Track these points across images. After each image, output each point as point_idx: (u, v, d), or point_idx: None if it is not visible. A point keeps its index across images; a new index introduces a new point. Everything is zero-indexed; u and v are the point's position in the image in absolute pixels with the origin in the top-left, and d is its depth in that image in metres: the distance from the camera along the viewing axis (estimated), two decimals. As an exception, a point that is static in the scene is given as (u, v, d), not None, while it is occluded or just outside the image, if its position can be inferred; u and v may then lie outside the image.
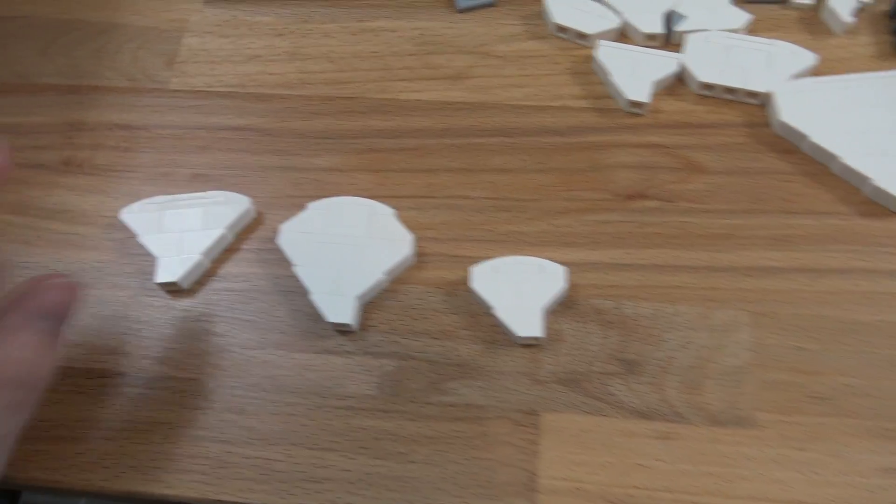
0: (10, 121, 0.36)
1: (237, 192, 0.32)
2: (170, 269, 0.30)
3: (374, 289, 0.30)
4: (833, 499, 0.26)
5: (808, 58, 0.33)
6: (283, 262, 0.31)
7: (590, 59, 0.35)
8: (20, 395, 0.23)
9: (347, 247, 0.30)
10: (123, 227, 0.32)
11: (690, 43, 0.33)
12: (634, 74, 0.33)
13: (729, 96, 0.33)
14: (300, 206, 0.32)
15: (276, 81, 0.36)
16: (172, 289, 0.31)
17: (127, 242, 0.32)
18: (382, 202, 0.31)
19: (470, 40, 0.36)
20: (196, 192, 0.33)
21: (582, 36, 0.35)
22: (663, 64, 0.33)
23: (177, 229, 0.31)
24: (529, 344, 0.29)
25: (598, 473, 0.27)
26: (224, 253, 0.32)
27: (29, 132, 0.35)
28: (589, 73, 0.34)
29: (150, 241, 0.31)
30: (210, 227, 0.31)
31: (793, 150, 0.32)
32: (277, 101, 0.35)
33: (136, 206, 0.32)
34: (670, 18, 0.34)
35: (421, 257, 0.31)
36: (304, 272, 0.30)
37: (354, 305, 0.29)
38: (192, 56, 0.37)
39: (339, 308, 0.29)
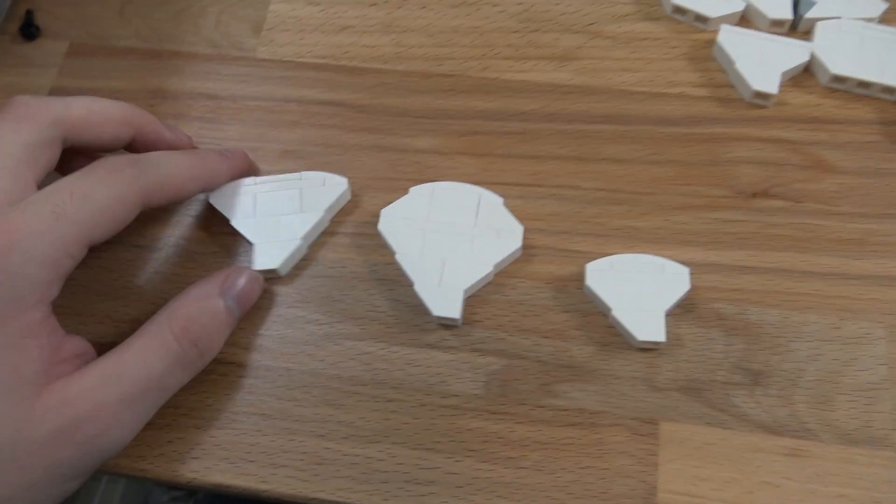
0: (88, 84, 0.34)
1: (330, 171, 0.31)
2: (269, 256, 0.28)
3: (481, 282, 0.28)
4: (975, 529, 0.24)
5: (951, 52, 0.30)
6: (381, 248, 0.29)
7: (708, 44, 0.33)
8: (192, 356, 0.25)
9: (453, 236, 0.29)
10: (208, 203, 0.31)
11: (821, 31, 0.31)
12: (761, 63, 0.31)
13: (862, 91, 0.31)
14: (398, 190, 0.30)
15: (369, 54, 0.34)
16: (269, 276, 0.29)
17: (211, 219, 0.30)
18: (487, 189, 0.30)
19: (578, 19, 0.34)
20: (286, 170, 0.31)
21: (701, 19, 0.32)
22: (793, 53, 0.31)
23: (272, 213, 0.29)
24: (648, 348, 0.27)
25: (721, 489, 0.25)
26: (320, 237, 0.30)
27: (109, 98, 0.33)
28: (707, 60, 0.32)
29: (243, 225, 0.29)
30: (308, 211, 0.29)
31: (930, 151, 0.30)
32: (372, 75, 0.33)
33: (226, 188, 0.30)
34: (798, 3, 0.32)
35: (527, 250, 0.29)
36: (407, 261, 0.28)
37: (461, 299, 0.28)
38: (279, 23, 0.35)
39: (446, 301, 0.28)
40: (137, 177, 0.25)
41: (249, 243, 0.29)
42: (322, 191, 0.30)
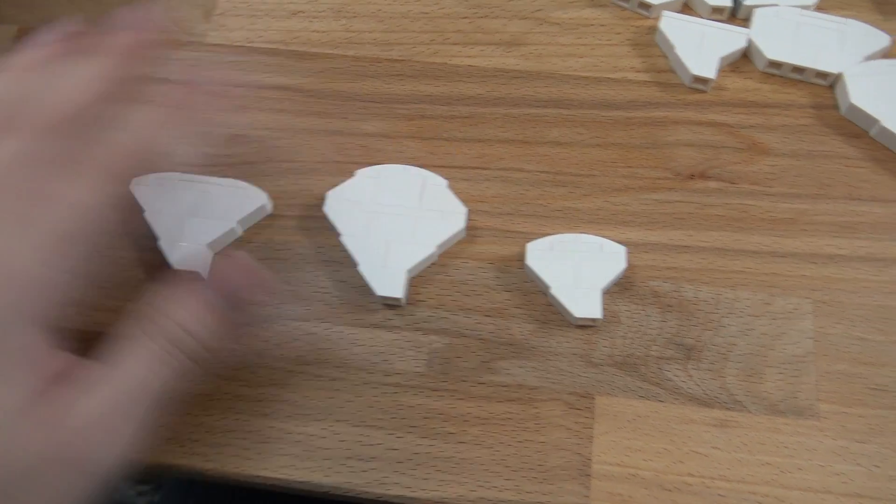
0: (37, 69, 0.34)
1: (280, 154, 0.31)
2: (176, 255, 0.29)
3: (425, 262, 0.29)
4: (894, 493, 0.25)
5: (881, 39, 0.31)
6: (326, 230, 0.30)
7: (651, 30, 0.33)
8: (188, 365, 0.23)
9: (397, 217, 0.29)
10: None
11: (759, 18, 0.32)
12: (700, 49, 0.31)
13: (796, 76, 0.32)
14: (345, 173, 0.30)
15: (320, 40, 0.34)
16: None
17: (164, 203, 0.31)
18: (433, 172, 0.30)
19: (526, 5, 0.34)
20: (234, 154, 0.31)
21: (644, 6, 0.33)
22: (731, 39, 0.32)
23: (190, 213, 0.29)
24: (585, 325, 0.28)
25: (653, 460, 0.26)
26: (265, 219, 0.30)
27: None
28: (650, 46, 0.33)
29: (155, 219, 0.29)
30: (221, 218, 0.29)
31: (861, 134, 0.31)
32: (322, 60, 0.33)
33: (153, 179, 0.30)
34: (737, -9, 0.33)
35: (472, 231, 0.30)
36: (352, 242, 0.29)
37: (404, 279, 0.28)
38: (230, 8, 0.35)
39: (389, 281, 0.28)
40: (111, 181, 0.23)
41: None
42: (239, 202, 0.30)
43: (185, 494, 0.46)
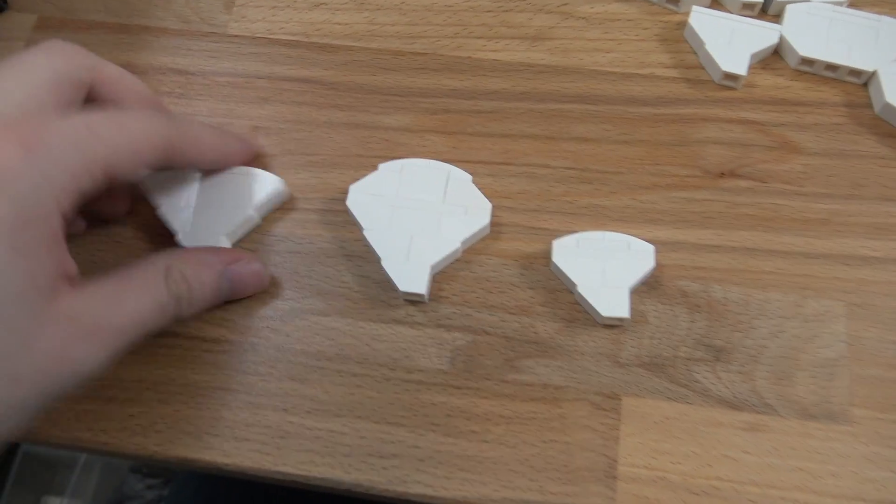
0: (57, 58, 0.33)
1: (300, 147, 0.31)
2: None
3: (448, 258, 0.28)
4: (929, 503, 0.24)
5: (917, 36, 0.31)
6: (349, 224, 0.29)
7: (680, 25, 0.33)
8: (172, 311, 0.25)
9: (421, 212, 0.29)
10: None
11: (790, 14, 0.31)
12: (731, 45, 0.31)
13: (829, 73, 0.31)
14: (367, 167, 0.30)
15: (342, 32, 0.33)
16: None
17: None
18: (458, 166, 0.30)
19: (551, -1, 0.34)
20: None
21: (673, 1, 0.33)
22: (762, 35, 0.31)
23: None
24: (612, 325, 0.27)
25: (681, 463, 0.25)
26: (286, 212, 0.30)
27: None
28: (679, 41, 0.32)
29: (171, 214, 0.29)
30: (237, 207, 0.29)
31: (895, 134, 0.30)
32: (344, 52, 0.33)
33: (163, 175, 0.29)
34: (769, -14, 0.32)
35: (496, 227, 0.29)
36: (375, 237, 0.28)
37: (428, 275, 0.28)
38: (251, 0, 0.34)
39: (412, 277, 0.28)
40: (169, 125, 0.25)
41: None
42: (254, 189, 0.29)
43: (194, 489, 0.45)
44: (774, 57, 0.32)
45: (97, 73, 0.26)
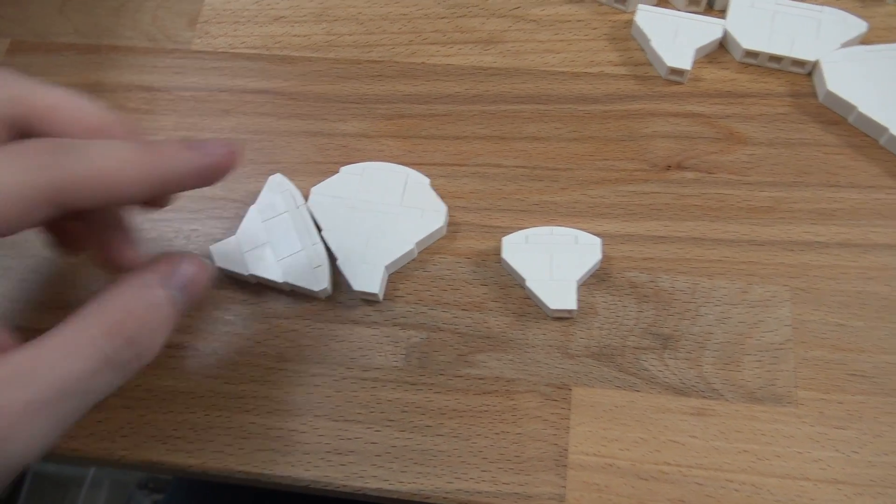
0: (28, 80, 0.35)
1: (262, 156, 0.32)
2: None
3: (404, 259, 0.29)
4: (873, 479, 0.25)
5: (858, 25, 0.31)
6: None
7: (628, 24, 0.33)
8: (127, 356, 0.21)
9: (378, 214, 0.30)
10: (145, 191, 0.32)
11: (734, 8, 0.32)
12: (675, 41, 0.31)
13: (773, 65, 0.32)
14: (326, 173, 0.31)
15: (301, 43, 0.35)
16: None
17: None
18: (413, 169, 0.31)
19: (503, 3, 0.35)
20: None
21: (621, 0, 0.33)
22: (706, 30, 0.32)
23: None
24: (562, 317, 0.28)
25: (630, 449, 0.26)
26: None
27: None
28: (627, 39, 0.33)
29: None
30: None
31: (839, 121, 0.31)
32: (303, 63, 0.34)
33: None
34: (713, -18, 0.33)
35: (450, 226, 0.30)
36: (332, 237, 0.29)
37: (382, 275, 0.29)
38: (214, 16, 0.36)
39: (366, 277, 0.28)
40: (52, 166, 0.20)
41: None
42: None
43: (188, 495, 0.46)
44: (720, 51, 0.33)
45: (26, 105, 0.22)
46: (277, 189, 0.30)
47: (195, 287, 0.23)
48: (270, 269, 0.29)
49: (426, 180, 0.30)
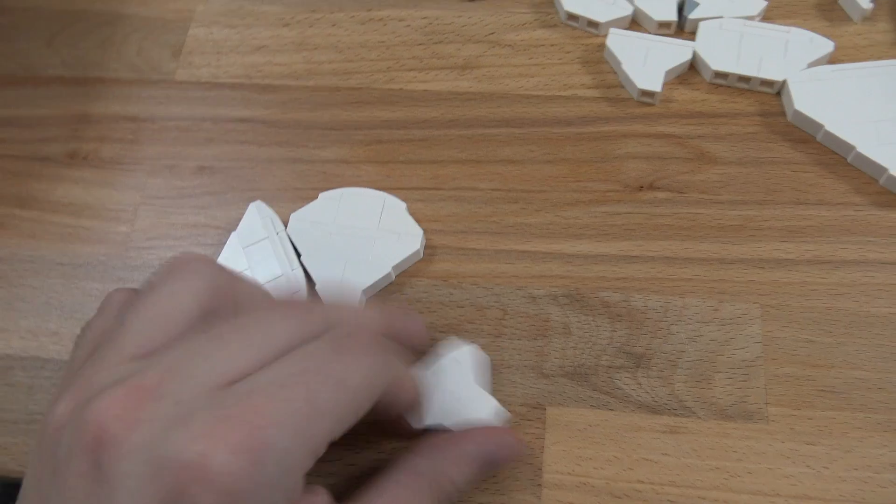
0: (15, 113, 0.36)
1: (243, 184, 0.32)
2: None
3: (381, 283, 0.30)
4: (844, 495, 0.25)
5: (825, 45, 0.32)
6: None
7: (600, 47, 0.34)
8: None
9: (356, 239, 0.30)
10: (129, 221, 0.32)
11: (703, 30, 0.33)
12: (646, 63, 0.32)
13: (743, 85, 0.32)
14: (305, 199, 0.32)
15: (282, 72, 0.35)
16: None
17: (132, 236, 0.32)
18: (390, 194, 0.31)
19: (479, 29, 0.35)
20: (202, 185, 0.33)
21: (593, 24, 0.34)
22: (676, 52, 0.32)
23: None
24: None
25: (604, 468, 0.26)
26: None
27: (34, 125, 0.35)
28: (600, 62, 0.34)
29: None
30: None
31: (807, 139, 0.31)
32: (284, 91, 0.35)
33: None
34: (683, 5, 0.34)
35: (427, 249, 0.31)
36: (311, 262, 0.30)
37: (360, 299, 0.29)
38: (198, 47, 0.36)
39: (344, 301, 0.29)
40: (389, 365, 0.21)
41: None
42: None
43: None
44: (691, 72, 0.33)
45: (230, 292, 0.22)
46: (258, 215, 0.31)
47: (500, 462, 0.25)
48: None
49: (402, 205, 0.31)
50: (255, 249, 0.30)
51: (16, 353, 0.30)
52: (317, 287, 0.29)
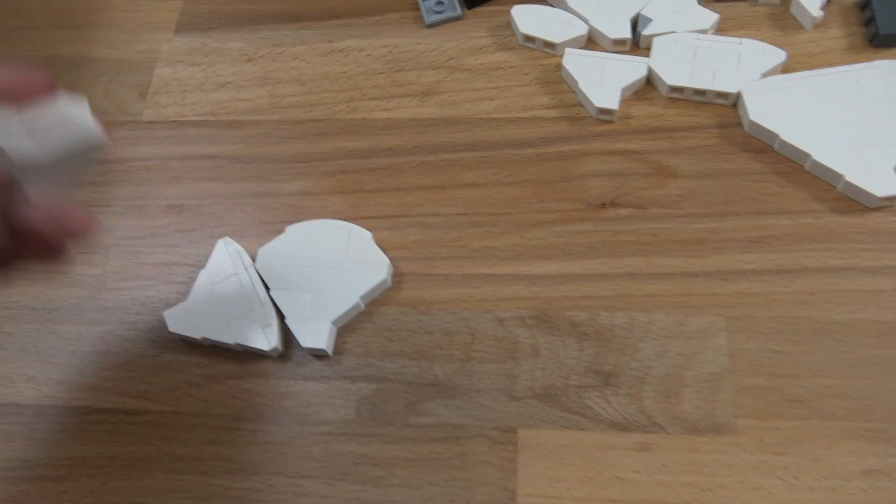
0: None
1: (212, 220, 0.33)
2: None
3: (350, 313, 0.30)
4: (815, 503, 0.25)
5: (777, 55, 0.32)
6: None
7: (558, 68, 0.35)
8: None
9: (324, 270, 0.30)
10: (101, 263, 0.33)
11: (658, 46, 0.33)
12: (602, 81, 0.33)
13: (699, 98, 0.33)
14: (273, 232, 0.32)
15: (247, 107, 0.36)
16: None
17: (104, 278, 0.32)
18: (357, 224, 0.31)
19: (439, 55, 0.36)
20: (171, 224, 0.33)
21: (549, 45, 0.35)
22: (631, 69, 0.33)
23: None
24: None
25: (577, 488, 0.27)
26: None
27: (6, 171, 0.35)
28: (559, 82, 0.34)
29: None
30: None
31: (765, 149, 0.32)
32: (249, 127, 0.35)
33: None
34: (637, 22, 0.34)
35: (395, 277, 0.31)
36: (280, 296, 0.30)
37: (329, 330, 0.29)
38: (163, 86, 0.37)
39: (314, 333, 0.29)
40: None
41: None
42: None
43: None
44: (647, 88, 0.34)
45: None
46: (225, 252, 0.31)
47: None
48: (221, 331, 0.30)
49: (368, 234, 0.31)
50: (225, 286, 0.30)
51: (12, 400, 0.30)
52: (286, 321, 0.30)
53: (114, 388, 0.30)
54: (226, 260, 0.31)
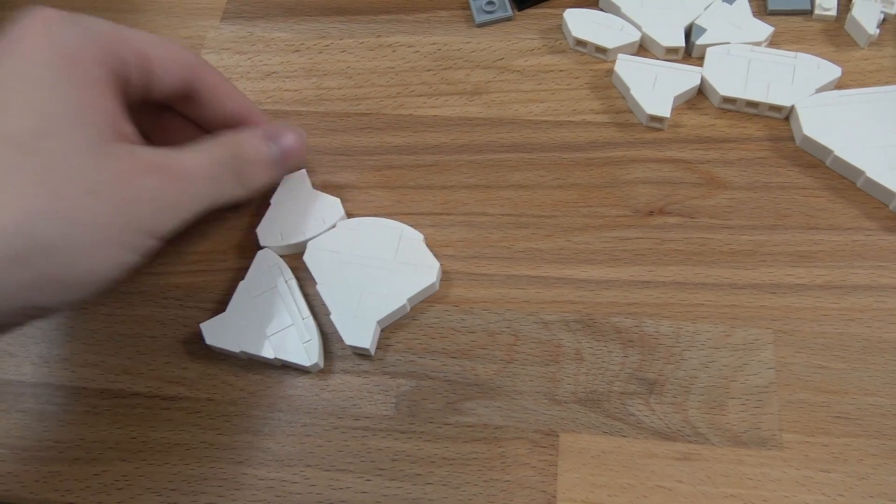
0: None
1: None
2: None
3: (396, 314, 0.30)
4: (861, 524, 0.25)
5: (832, 70, 0.32)
6: (307, 278, 0.31)
7: (609, 73, 0.34)
8: (232, 183, 0.28)
9: (372, 269, 0.30)
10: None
11: (711, 56, 0.33)
12: (654, 88, 0.32)
13: (751, 110, 0.32)
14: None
15: (292, 98, 0.36)
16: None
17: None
18: (399, 220, 0.31)
19: (488, 55, 0.36)
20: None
21: (601, 50, 0.34)
22: (684, 78, 0.33)
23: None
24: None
25: (617, 495, 0.26)
26: (241, 270, 0.32)
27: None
28: (608, 88, 0.34)
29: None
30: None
31: (817, 164, 0.31)
32: (294, 117, 0.35)
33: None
34: (691, 31, 0.34)
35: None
36: (326, 291, 0.30)
37: (374, 330, 0.29)
38: (209, 73, 0.37)
39: (358, 331, 0.29)
40: (197, 58, 0.29)
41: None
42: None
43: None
44: (699, 97, 0.33)
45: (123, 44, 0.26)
46: (265, 264, 0.31)
47: (292, 155, 0.31)
48: (261, 345, 0.29)
49: (420, 236, 0.31)
50: (265, 299, 0.30)
51: (27, 380, 0.30)
52: (331, 316, 0.29)
53: (150, 373, 0.30)
54: (265, 272, 0.31)
